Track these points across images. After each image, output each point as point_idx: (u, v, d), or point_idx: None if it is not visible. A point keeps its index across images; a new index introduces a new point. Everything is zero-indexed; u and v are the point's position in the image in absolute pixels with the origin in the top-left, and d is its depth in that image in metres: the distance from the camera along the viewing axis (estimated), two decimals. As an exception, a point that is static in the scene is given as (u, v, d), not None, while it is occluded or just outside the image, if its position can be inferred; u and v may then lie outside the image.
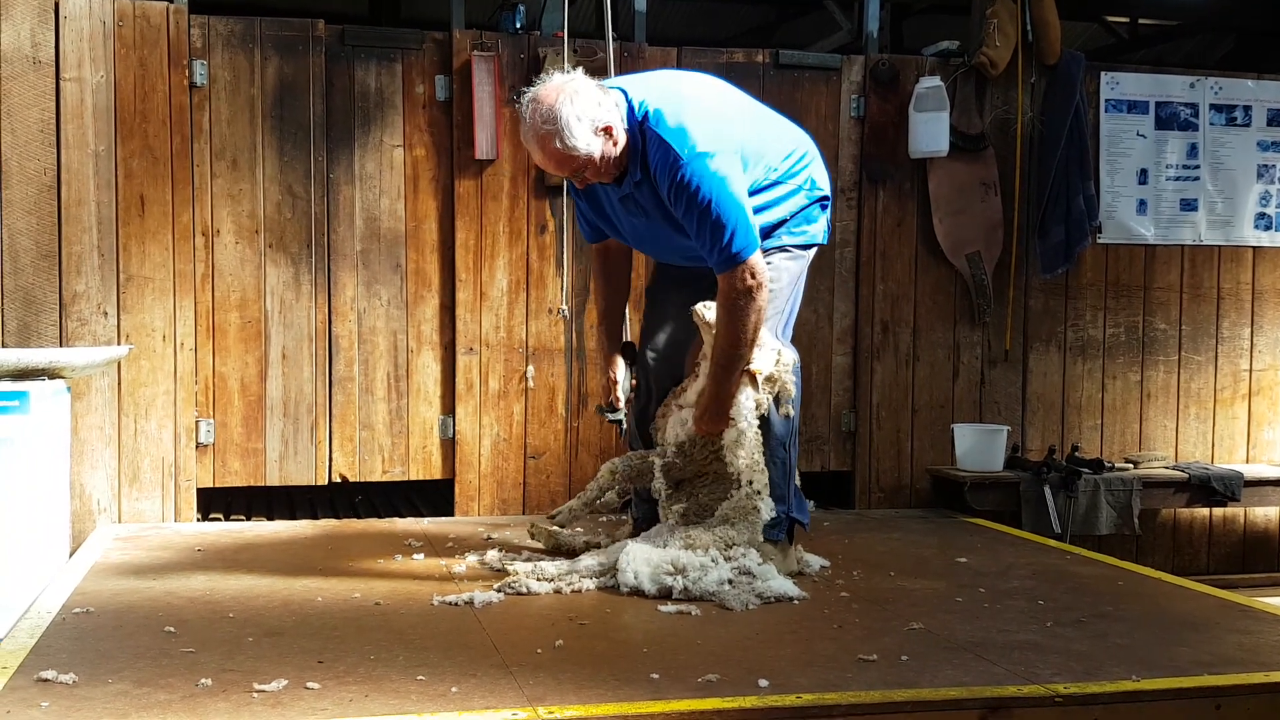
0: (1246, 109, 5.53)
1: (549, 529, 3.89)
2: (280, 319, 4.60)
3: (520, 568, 3.51)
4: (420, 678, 2.57)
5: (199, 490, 4.54)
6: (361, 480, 4.72)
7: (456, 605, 3.19)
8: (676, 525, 3.47)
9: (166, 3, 4.43)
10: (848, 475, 5.16)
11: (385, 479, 4.75)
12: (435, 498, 4.87)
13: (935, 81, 5.03)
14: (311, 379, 4.63)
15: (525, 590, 3.32)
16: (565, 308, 4.79)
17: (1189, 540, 5.55)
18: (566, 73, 3.39)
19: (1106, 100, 5.36)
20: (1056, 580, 3.71)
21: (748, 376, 3.42)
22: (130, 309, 4.42)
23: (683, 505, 3.50)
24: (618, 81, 3.49)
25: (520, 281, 4.79)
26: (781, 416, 3.54)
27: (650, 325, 3.87)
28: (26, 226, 4.30)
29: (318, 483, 4.67)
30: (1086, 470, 4.96)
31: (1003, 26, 5.10)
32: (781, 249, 3.53)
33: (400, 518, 4.63)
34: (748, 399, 3.43)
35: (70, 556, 3.88)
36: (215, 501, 4.73)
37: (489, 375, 4.77)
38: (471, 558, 3.78)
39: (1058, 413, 5.36)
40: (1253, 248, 5.57)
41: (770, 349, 3.46)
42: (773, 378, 3.47)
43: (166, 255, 4.45)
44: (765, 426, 3.50)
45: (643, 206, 3.45)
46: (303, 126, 4.58)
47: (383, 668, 2.65)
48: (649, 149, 3.32)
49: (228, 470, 4.58)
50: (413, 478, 4.77)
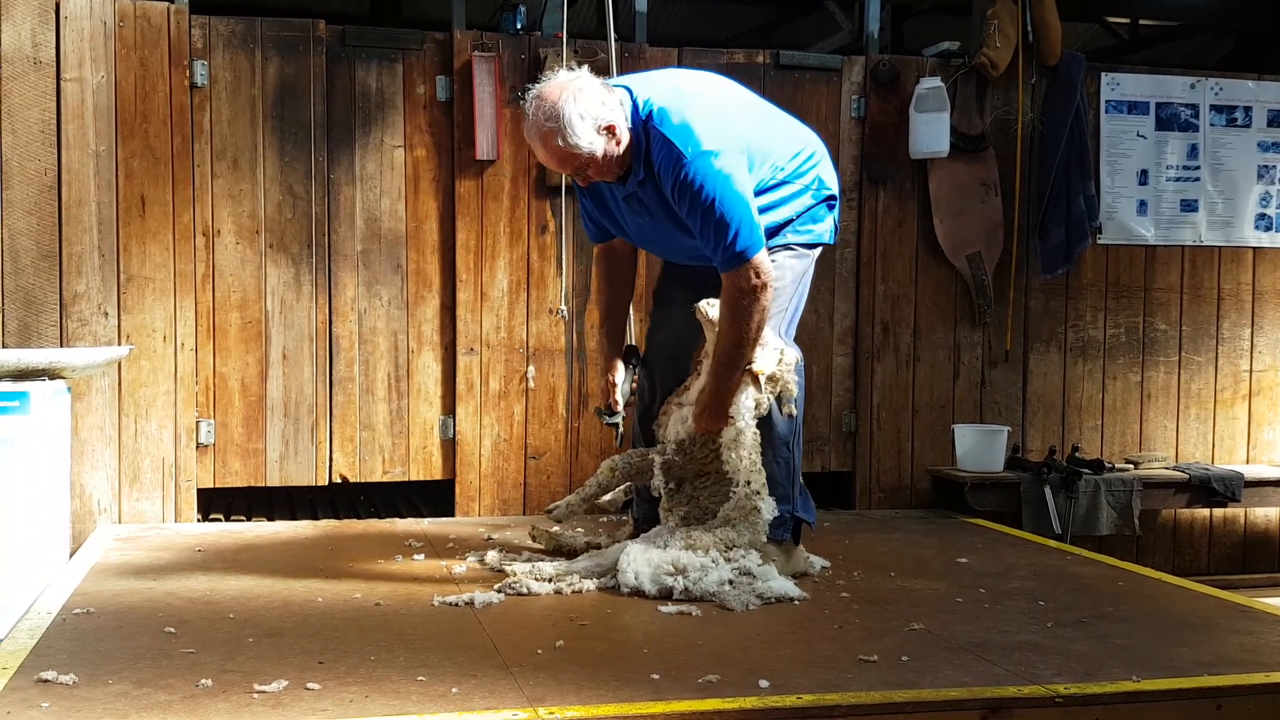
0: (1247, 110, 5.53)
1: (550, 530, 3.89)
2: (281, 319, 4.60)
3: (521, 568, 3.51)
4: (420, 678, 2.57)
5: (199, 491, 4.54)
6: (362, 480, 4.72)
7: (457, 606, 3.19)
8: (677, 526, 3.46)
9: (167, 3, 4.43)
10: (848, 476, 5.16)
11: (386, 479, 4.75)
12: (436, 498, 4.86)
13: (936, 82, 5.03)
14: (312, 379, 4.63)
15: (526, 591, 3.32)
16: (564, 308, 4.79)
17: (1189, 541, 5.55)
18: (572, 70, 3.39)
19: (1107, 101, 5.36)
20: (1057, 581, 3.71)
21: (749, 376, 3.41)
22: (131, 309, 4.42)
23: (685, 509, 3.49)
24: (623, 80, 3.48)
25: (521, 282, 4.79)
26: (784, 416, 3.53)
27: (656, 325, 3.87)
28: (27, 227, 4.30)
29: (318, 483, 4.67)
30: (1087, 471, 4.96)
31: (1003, 27, 5.10)
32: (786, 247, 3.52)
33: (401, 518, 4.63)
34: (748, 398, 3.42)
35: (70, 557, 3.88)
36: (215, 502, 4.73)
37: (489, 375, 4.77)
38: (472, 558, 3.78)
39: (1058, 413, 5.36)
40: (1253, 248, 5.57)
41: (773, 348, 3.45)
42: (775, 377, 3.46)
43: (167, 255, 4.45)
44: (768, 426, 3.48)
45: (646, 205, 3.45)
46: (303, 127, 4.58)
47: (383, 668, 2.64)
48: (653, 147, 3.31)
49: (228, 471, 4.58)
50: (413, 478, 4.77)
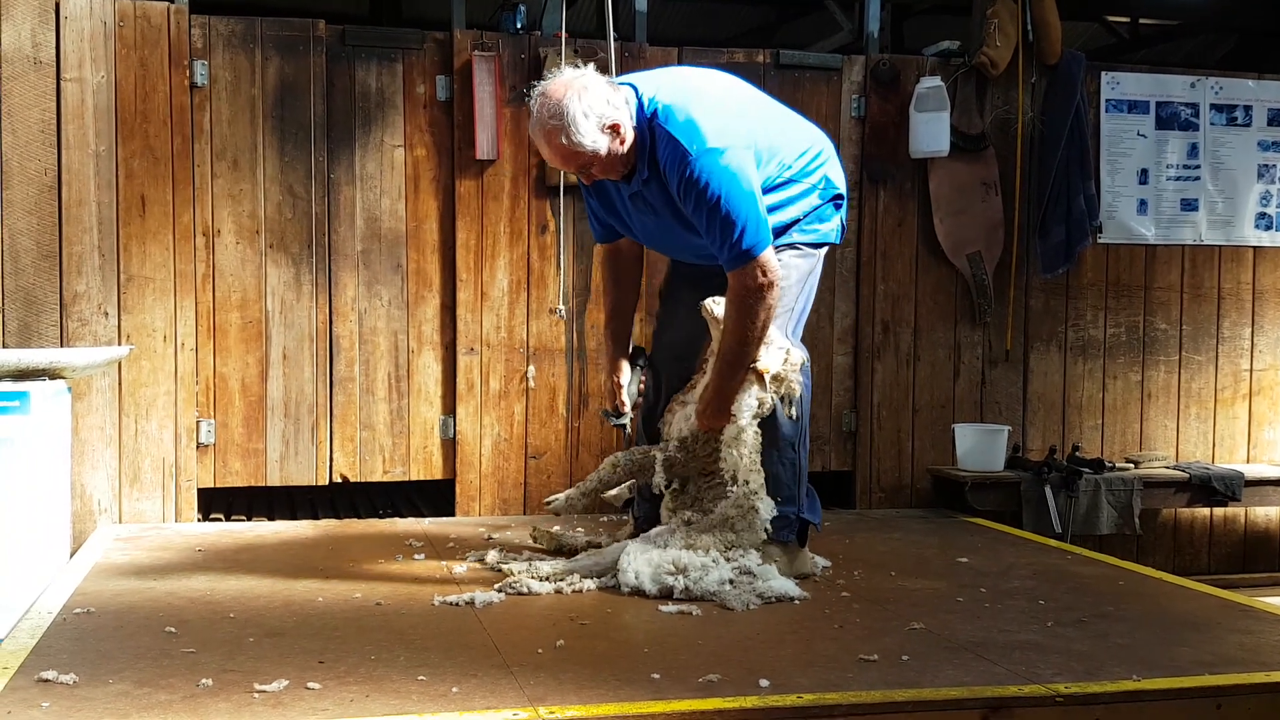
0: (1247, 109, 5.53)
1: (550, 531, 3.89)
2: (281, 319, 4.60)
3: (521, 568, 3.51)
4: (421, 678, 2.57)
5: (200, 490, 4.54)
6: (362, 480, 4.72)
7: (457, 605, 3.19)
8: (678, 526, 3.46)
9: (167, 3, 4.43)
10: (848, 475, 5.16)
11: (386, 479, 4.75)
12: (436, 498, 4.86)
13: (936, 81, 5.03)
14: (312, 379, 4.63)
15: (526, 590, 3.32)
16: (562, 308, 4.78)
17: (1190, 540, 5.55)
18: (577, 68, 3.38)
19: (1107, 100, 5.36)
20: (1057, 580, 3.71)
21: (754, 374, 3.39)
22: (131, 309, 4.42)
23: (689, 513, 3.48)
24: (628, 78, 3.47)
25: (521, 281, 4.79)
26: (789, 417, 3.51)
27: (663, 324, 3.86)
28: (27, 227, 4.30)
29: (318, 483, 4.67)
30: (1087, 470, 4.95)
31: (1003, 26, 5.10)
32: (791, 246, 3.51)
33: (401, 518, 4.63)
34: (750, 397, 3.40)
35: (71, 557, 3.87)
36: (216, 502, 4.73)
37: (490, 375, 4.77)
38: (472, 558, 3.78)
39: (1058, 413, 5.36)
40: (1253, 247, 5.57)
41: (778, 348, 3.44)
42: (780, 376, 3.44)
43: (167, 255, 4.45)
44: (773, 426, 3.47)
45: (651, 204, 3.44)
46: (303, 127, 4.58)
47: (384, 668, 2.65)
48: (658, 145, 3.30)
49: (228, 470, 4.58)
50: (413, 478, 4.77)
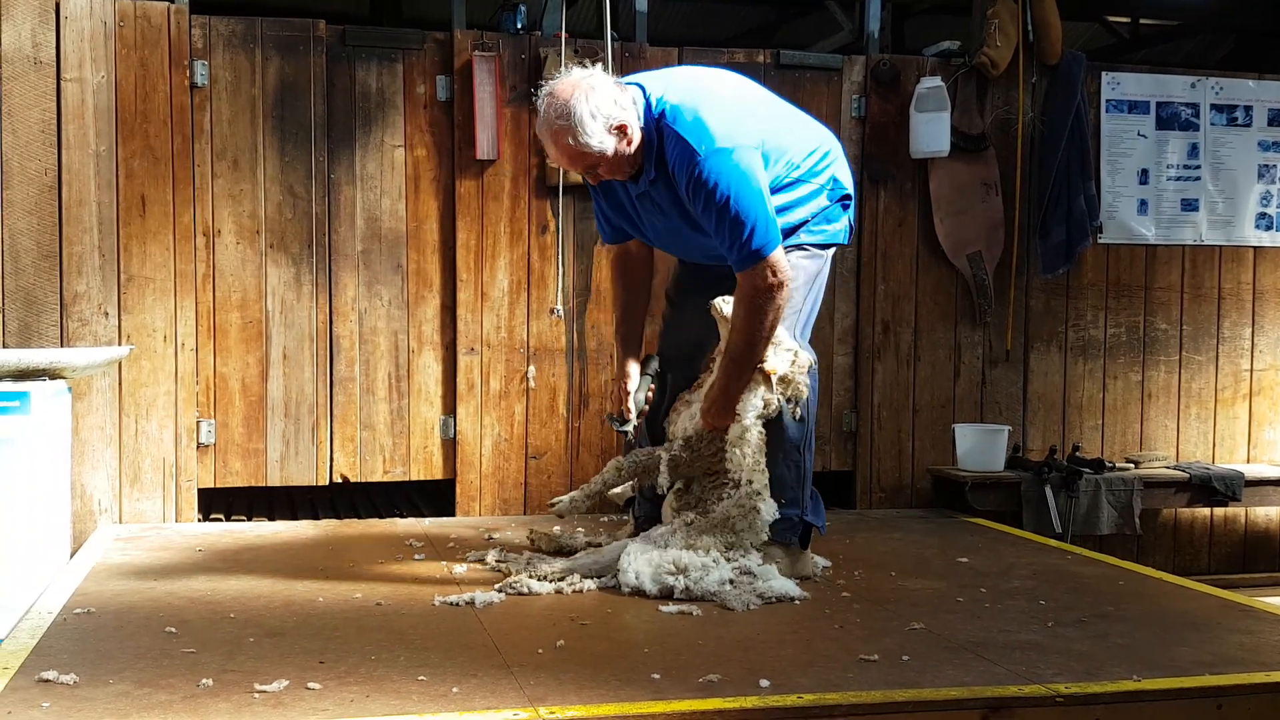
0: (1247, 109, 5.53)
1: (549, 532, 3.88)
2: (281, 319, 4.60)
3: (521, 568, 3.51)
4: (421, 678, 2.57)
5: (200, 491, 4.54)
6: (363, 480, 4.72)
7: (457, 605, 3.19)
8: (679, 526, 3.46)
9: (167, 3, 4.43)
10: (849, 475, 5.16)
11: (386, 479, 4.75)
12: (436, 498, 4.86)
13: (936, 82, 5.03)
14: (313, 379, 4.63)
15: (526, 590, 3.32)
16: (559, 307, 4.78)
17: (1190, 540, 5.55)
18: (585, 68, 3.37)
19: (1107, 100, 5.36)
20: (1057, 580, 3.71)
21: (761, 375, 3.38)
22: (131, 309, 4.42)
23: (690, 514, 3.48)
24: (636, 77, 3.46)
25: (521, 281, 4.79)
26: (795, 419, 3.49)
27: (669, 325, 3.85)
28: (27, 227, 4.30)
29: (319, 483, 4.67)
30: (1087, 470, 4.95)
31: (1004, 27, 5.10)
32: (799, 247, 3.49)
33: (401, 518, 4.63)
34: (756, 397, 3.39)
35: (71, 557, 3.88)
36: (216, 502, 4.73)
37: (490, 375, 4.77)
38: (472, 558, 3.78)
39: (1059, 413, 5.36)
40: (1254, 248, 5.57)
41: (787, 349, 3.42)
42: (787, 378, 3.42)
43: (167, 255, 4.45)
44: (779, 428, 3.46)
45: (659, 204, 3.43)
46: (304, 127, 4.58)
47: (384, 668, 2.65)
48: (666, 145, 3.29)
49: (229, 470, 4.58)
50: (414, 478, 4.77)
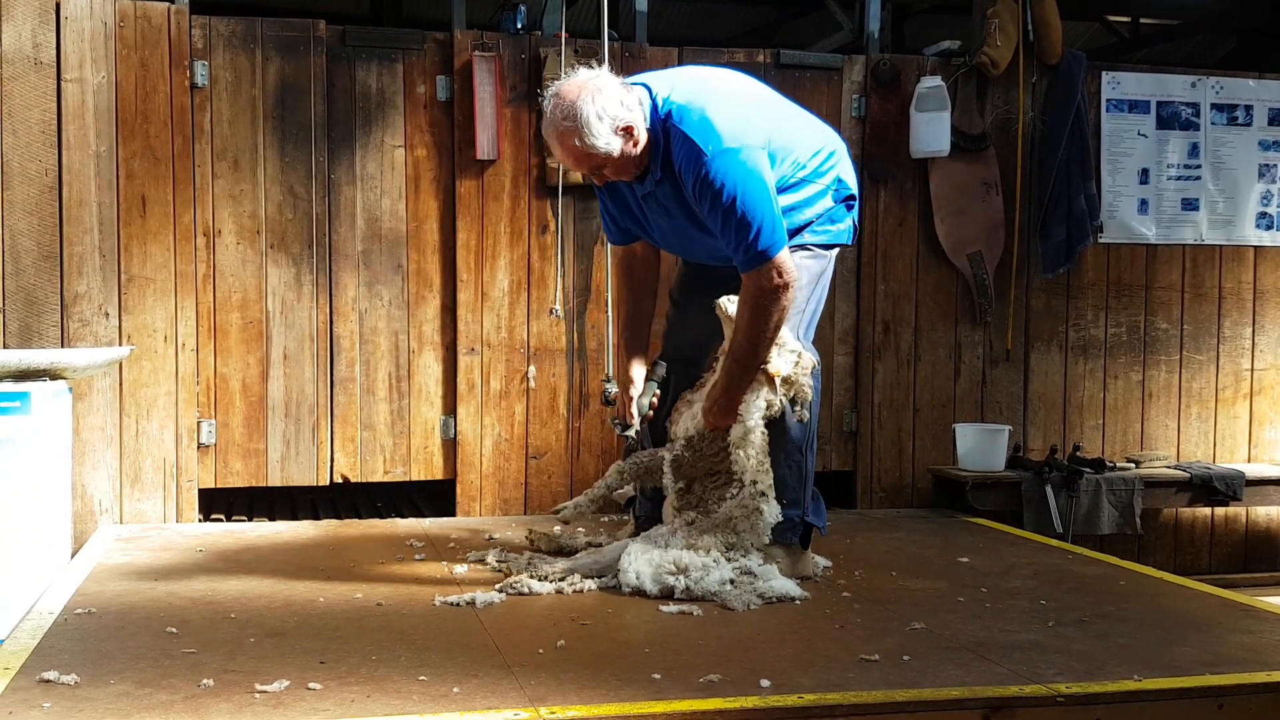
0: (1248, 108, 5.53)
1: (548, 532, 3.88)
2: (282, 319, 4.60)
3: (522, 568, 3.51)
4: (422, 678, 2.57)
5: (200, 491, 4.54)
6: (363, 481, 4.72)
7: (458, 606, 3.19)
8: (680, 525, 3.46)
9: (167, 3, 4.43)
10: (849, 475, 5.16)
11: (387, 479, 4.75)
12: (437, 498, 4.86)
13: (936, 81, 5.03)
14: (313, 379, 4.63)
15: (527, 590, 3.32)
16: (558, 307, 4.78)
17: (1191, 540, 5.55)
18: (591, 69, 3.37)
19: (1108, 100, 5.36)
20: (1058, 580, 3.71)
21: (765, 376, 3.37)
22: (132, 309, 4.42)
23: (693, 513, 3.48)
24: (642, 78, 3.45)
25: (521, 282, 4.79)
26: (798, 421, 3.49)
27: (672, 325, 3.84)
28: (28, 227, 4.30)
29: (319, 483, 4.67)
30: (1088, 470, 4.95)
31: (1004, 26, 5.10)
32: (802, 247, 3.48)
33: (402, 518, 4.63)
34: (759, 398, 3.38)
35: (72, 557, 3.88)
36: (217, 502, 4.73)
37: (490, 375, 4.77)
38: (473, 558, 3.78)
39: (1059, 412, 5.36)
40: (1254, 247, 5.57)
41: (791, 351, 3.41)
42: (790, 380, 3.41)
43: (168, 256, 4.45)
44: (781, 429, 3.45)
45: (664, 205, 3.43)
46: (304, 127, 4.58)
47: (385, 668, 2.65)
48: (673, 145, 3.29)
49: (229, 471, 4.58)
50: (414, 478, 4.77)
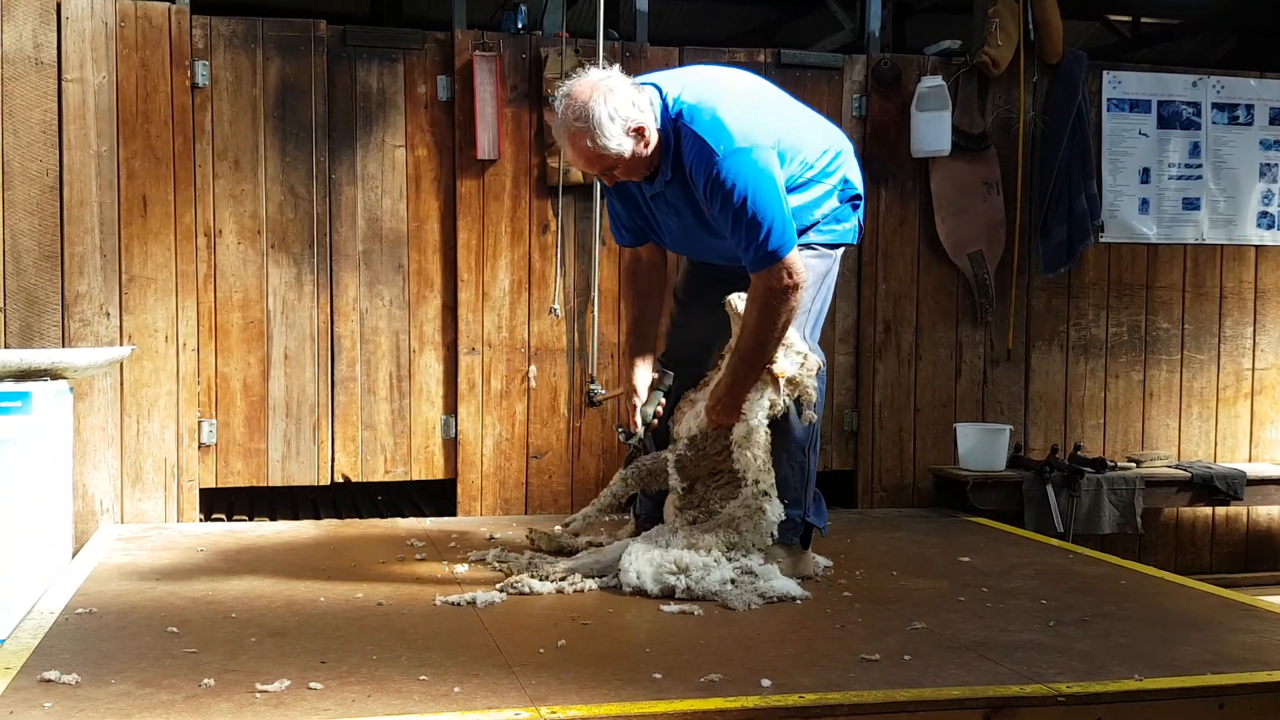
0: (1249, 108, 5.53)
1: (547, 533, 3.88)
2: (282, 319, 4.60)
3: (522, 568, 3.51)
4: (423, 678, 2.57)
5: (201, 490, 4.54)
6: (364, 480, 4.72)
7: (459, 605, 3.19)
8: (681, 525, 3.46)
9: (168, 3, 4.43)
10: (850, 475, 5.16)
11: (388, 479, 4.75)
12: (438, 497, 4.86)
13: (937, 81, 5.03)
14: (314, 379, 4.63)
15: (527, 590, 3.32)
16: (556, 307, 4.78)
17: (1192, 539, 5.55)
18: (602, 69, 3.37)
19: (1109, 99, 5.36)
20: (1059, 580, 3.71)
21: (769, 376, 3.37)
22: (132, 309, 4.42)
23: (694, 513, 3.47)
24: (652, 78, 3.45)
25: (522, 281, 4.79)
26: (802, 421, 3.48)
27: (677, 325, 3.84)
28: (29, 227, 4.31)
29: (320, 483, 4.67)
30: (1089, 469, 4.95)
31: (1005, 26, 5.10)
32: (808, 246, 3.48)
33: (402, 518, 4.63)
34: (763, 397, 3.37)
35: (73, 557, 3.88)
36: (217, 502, 4.73)
37: (491, 375, 4.77)
38: (474, 558, 3.78)
39: (1060, 412, 5.36)
40: (1255, 247, 5.57)
41: (797, 352, 3.41)
42: (795, 380, 3.41)
43: (169, 256, 4.45)
44: (785, 430, 3.44)
45: (674, 205, 3.42)
46: (305, 127, 4.58)
47: (385, 668, 2.65)
48: (683, 146, 3.28)
49: (230, 470, 4.58)
50: (415, 478, 4.77)
